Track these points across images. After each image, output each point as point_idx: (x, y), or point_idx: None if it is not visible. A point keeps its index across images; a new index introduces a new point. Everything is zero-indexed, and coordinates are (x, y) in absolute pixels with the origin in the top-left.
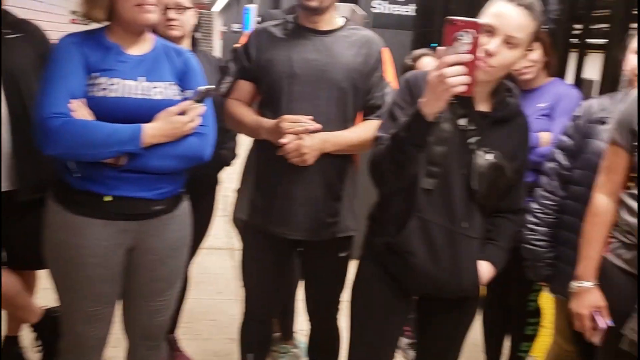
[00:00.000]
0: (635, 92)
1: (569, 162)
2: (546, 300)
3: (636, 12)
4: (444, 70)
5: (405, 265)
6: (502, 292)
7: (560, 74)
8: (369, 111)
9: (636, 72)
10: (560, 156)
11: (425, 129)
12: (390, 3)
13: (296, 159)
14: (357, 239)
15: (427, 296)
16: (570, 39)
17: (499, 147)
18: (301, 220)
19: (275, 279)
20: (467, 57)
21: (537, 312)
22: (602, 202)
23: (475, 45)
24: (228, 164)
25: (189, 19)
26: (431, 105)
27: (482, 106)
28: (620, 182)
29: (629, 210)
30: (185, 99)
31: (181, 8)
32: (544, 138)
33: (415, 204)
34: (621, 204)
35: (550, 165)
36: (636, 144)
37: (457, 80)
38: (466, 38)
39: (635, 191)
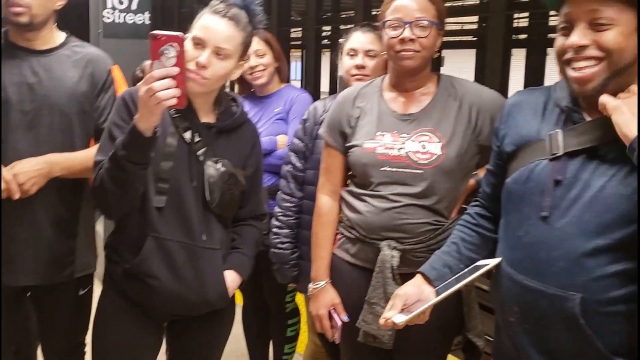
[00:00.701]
0: (349, 91)
1: (301, 164)
2: (302, 299)
3: (375, 13)
4: (152, 84)
5: (148, 289)
6: (257, 298)
7: (316, 74)
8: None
9: (352, 72)
10: (294, 158)
11: (144, 145)
12: (122, 12)
13: (16, 193)
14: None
15: (177, 318)
16: (322, 41)
17: (229, 155)
18: (29, 264)
19: (6, 332)
20: (174, 70)
21: (295, 312)
22: (325, 202)
23: (181, 58)
24: None
25: None
26: (146, 121)
27: (207, 117)
28: (339, 182)
29: (349, 206)
30: None
31: None
32: (281, 141)
33: (150, 224)
34: (342, 201)
35: (286, 168)
36: (348, 144)
37: (167, 93)
38: (171, 52)
39: (354, 187)
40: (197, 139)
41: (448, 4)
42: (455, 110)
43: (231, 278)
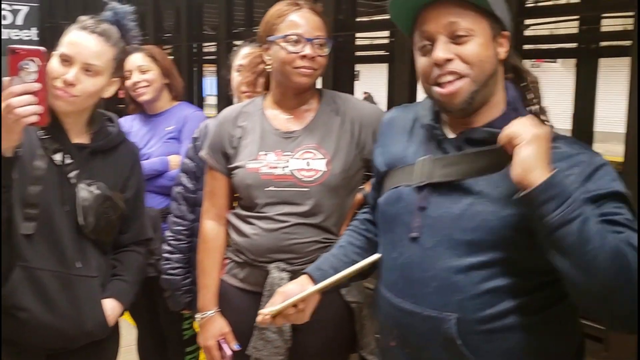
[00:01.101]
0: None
1: (193, 185)
2: None
3: (237, 31)
4: (11, 100)
5: (18, 323)
6: (154, 325)
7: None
8: None
9: (242, 88)
10: (184, 179)
11: (5, 166)
12: (6, 28)
13: None
14: None
15: (55, 352)
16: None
17: (105, 178)
18: None
19: None
20: (35, 86)
21: (194, 339)
22: (210, 227)
23: (42, 73)
24: None
25: None
26: (5, 140)
27: (79, 138)
28: (224, 205)
29: (236, 229)
30: None
31: None
32: (174, 161)
33: (17, 253)
34: (229, 224)
35: (177, 189)
36: (231, 166)
37: (27, 110)
38: (32, 66)
39: (240, 210)
40: (68, 160)
41: (360, 19)
42: (338, 125)
43: (111, 306)
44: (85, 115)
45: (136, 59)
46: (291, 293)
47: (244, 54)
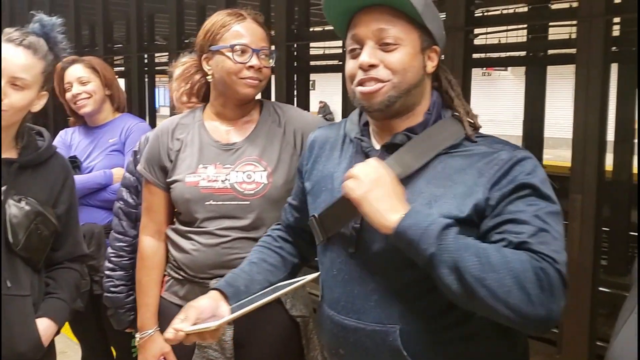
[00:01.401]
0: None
1: (134, 199)
2: None
3: (188, 41)
4: None
5: None
6: (101, 343)
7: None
8: None
9: (183, 99)
10: (125, 194)
11: None
12: None
13: None
14: None
15: None
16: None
17: (35, 193)
18: None
19: None
20: None
21: None
22: (148, 244)
23: None
24: None
25: None
26: None
27: (7, 153)
28: (163, 220)
29: (175, 245)
30: None
31: None
32: (117, 174)
33: None
34: (168, 240)
35: (117, 204)
36: (169, 179)
37: None
38: None
39: (179, 225)
40: None
41: (313, 29)
42: (280, 136)
43: (45, 326)
44: (13, 129)
45: (76, 71)
46: (204, 308)
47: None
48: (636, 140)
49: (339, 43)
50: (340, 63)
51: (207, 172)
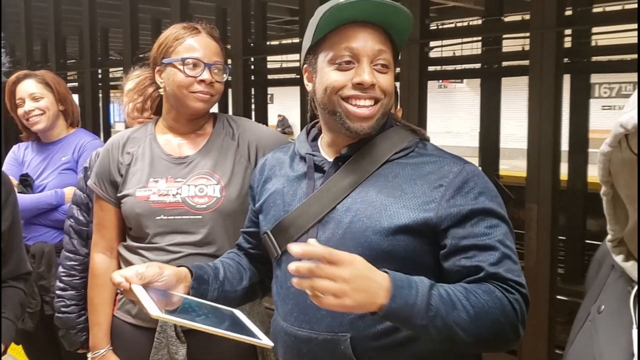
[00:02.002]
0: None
1: (84, 217)
2: None
3: (143, 55)
4: None
5: None
6: None
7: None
8: None
9: (134, 114)
10: (76, 211)
11: None
12: None
13: None
14: None
15: None
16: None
17: None
18: None
19: None
20: None
21: None
22: (99, 261)
23: None
24: None
25: None
26: None
27: None
28: (114, 237)
29: (126, 262)
30: None
31: None
32: (69, 194)
33: None
34: (120, 257)
35: (68, 222)
36: (119, 194)
37: None
38: None
39: (130, 241)
40: None
41: (271, 43)
42: (234, 149)
43: None
44: None
45: (28, 86)
46: (165, 277)
47: (133, 77)
48: (590, 150)
49: (297, 57)
50: (298, 77)
51: (158, 186)
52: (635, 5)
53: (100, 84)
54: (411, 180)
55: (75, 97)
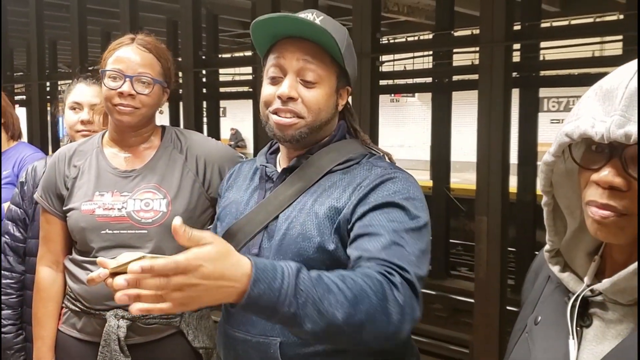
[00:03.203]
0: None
1: (21, 233)
2: None
3: (92, 68)
4: None
5: None
6: None
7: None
8: None
9: (77, 128)
10: (11, 227)
11: None
12: None
13: None
14: None
15: None
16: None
17: None
18: None
19: None
20: None
21: None
22: (45, 275)
23: None
24: None
25: None
26: None
27: None
28: (60, 250)
29: (72, 276)
30: None
31: None
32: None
33: None
34: (66, 271)
35: (4, 239)
36: (65, 208)
37: None
38: None
39: (76, 255)
40: None
41: (222, 56)
42: (181, 163)
43: None
44: None
45: None
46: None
47: (83, 92)
48: (539, 162)
49: (249, 69)
50: (251, 90)
51: (104, 200)
52: (581, 21)
53: (48, 97)
54: (342, 187)
55: (23, 111)
